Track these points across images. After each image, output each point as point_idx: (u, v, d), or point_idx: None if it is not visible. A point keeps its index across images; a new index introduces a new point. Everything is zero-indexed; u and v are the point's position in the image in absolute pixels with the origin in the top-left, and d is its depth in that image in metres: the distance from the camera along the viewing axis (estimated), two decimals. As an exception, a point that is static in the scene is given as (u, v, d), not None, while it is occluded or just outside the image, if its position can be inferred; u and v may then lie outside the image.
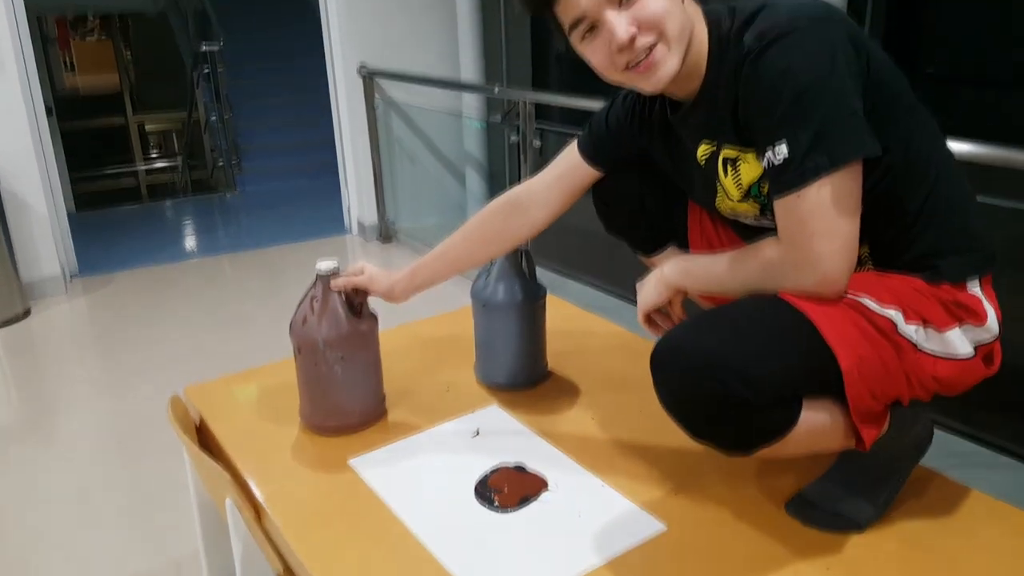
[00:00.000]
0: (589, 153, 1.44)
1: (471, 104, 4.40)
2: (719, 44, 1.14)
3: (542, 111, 3.45)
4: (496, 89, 3.88)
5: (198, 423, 1.52)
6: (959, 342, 1.11)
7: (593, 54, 1.14)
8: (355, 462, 1.33)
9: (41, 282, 3.77)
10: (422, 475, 1.30)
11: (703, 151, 1.23)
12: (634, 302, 1.33)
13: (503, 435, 1.39)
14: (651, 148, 1.36)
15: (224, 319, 3.52)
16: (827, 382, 1.05)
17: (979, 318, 1.12)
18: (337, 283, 1.41)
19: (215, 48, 5.94)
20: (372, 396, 1.47)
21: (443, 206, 4.73)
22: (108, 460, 2.41)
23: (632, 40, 1.09)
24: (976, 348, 1.13)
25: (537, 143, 3.35)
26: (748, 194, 1.18)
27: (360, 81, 4.30)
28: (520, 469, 1.28)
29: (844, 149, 1.02)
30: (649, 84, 1.14)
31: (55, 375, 3.06)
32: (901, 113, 1.11)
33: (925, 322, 1.10)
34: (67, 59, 12.86)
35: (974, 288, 1.14)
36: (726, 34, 1.13)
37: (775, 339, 1.06)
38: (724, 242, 1.42)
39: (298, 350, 1.40)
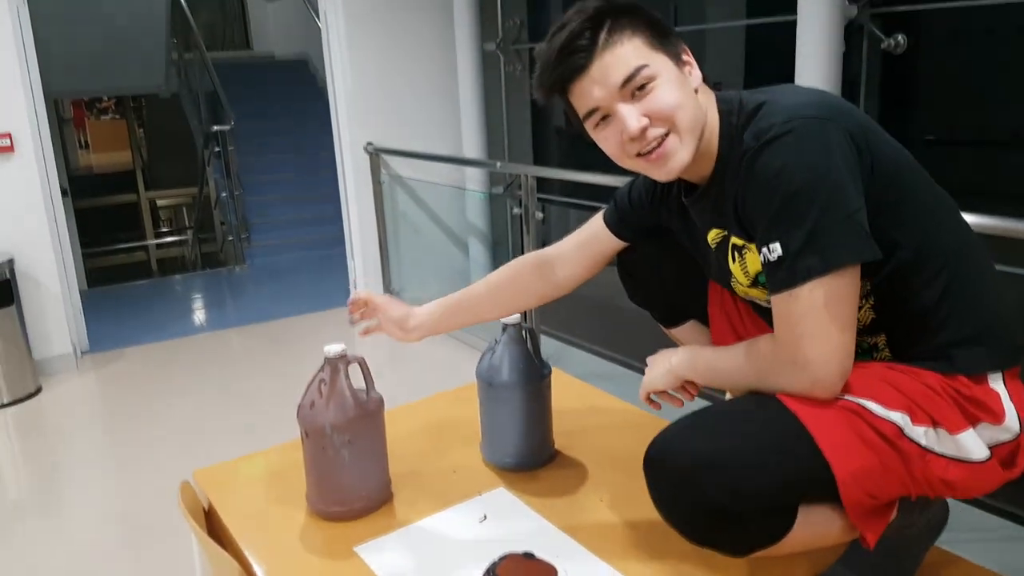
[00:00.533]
0: (613, 224, 1.47)
1: (474, 177, 4.49)
2: (729, 135, 1.15)
3: (543, 183, 3.51)
4: (498, 164, 3.96)
5: (207, 508, 1.53)
6: (973, 444, 1.08)
7: (605, 142, 1.17)
8: (361, 549, 1.33)
9: (52, 359, 3.80)
10: (429, 563, 1.29)
11: (713, 236, 1.25)
12: (640, 372, 1.34)
13: (511, 520, 1.39)
14: (670, 225, 1.38)
15: (232, 393, 3.53)
16: (826, 486, 1.04)
17: (996, 416, 1.09)
18: (359, 293, 1.51)
19: (226, 128, 6.09)
20: (378, 480, 1.47)
21: (447, 276, 4.78)
22: (114, 541, 2.39)
23: (643, 131, 1.11)
24: (993, 449, 1.09)
25: (540, 215, 3.41)
26: (756, 282, 1.20)
27: (367, 157, 4.40)
28: (529, 556, 1.27)
29: (837, 252, 1.02)
30: (661, 173, 1.16)
31: (64, 453, 3.06)
32: (914, 208, 1.10)
33: (935, 423, 1.07)
34: (82, 138, 13.16)
35: (995, 383, 1.11)
36: (734, 126, 1.14)
37: (768, 448, 1.06)
38: (744, 318, 1.41)
39: (305, 434, 1.41)
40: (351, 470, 1.41)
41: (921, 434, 1.06)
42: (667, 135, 1.12)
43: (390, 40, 4.37)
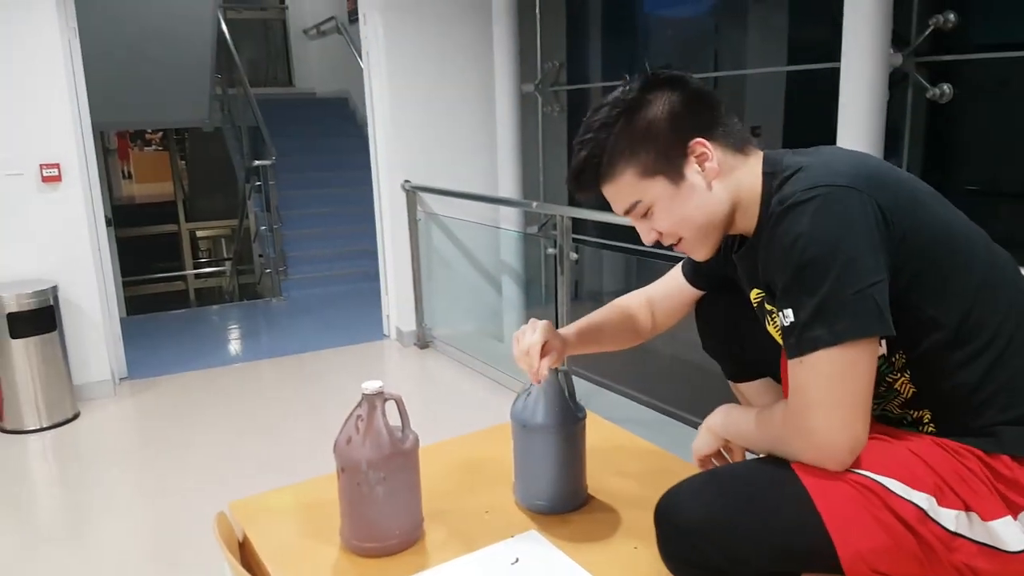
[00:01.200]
0: (689, 275, 1.53)
1: (508, 216, 4.53)
2: (768, 197, 1.15)
3: (578, 223, 3.53)
4: (534, 204, 3.99)
5: (241, 540, 1.53)
6: (1009, 534, 1.03)
7: None
8: (394, 587, 1.32)
9: (91, 385, 3.87)
10: (461, 603, 1.28)
11: (755, 296, 1.26)
12: (674, 416, 1.35)
13: (543, 564, 1.38)
14: (734, 277, 1.39)
15: (265, 423, 3.56)
16: (831, 561, 1.02)
17: None
18: (532, 341, 1.40)
19: (268, 163, 6.20)
20: (411, 518, 1.47)
21: (479, 314, 4.81)
22: (145, 569, 2.40)
23: (657, 241, 1.22)
24: None
25: (574, 256, 3.42)
26: None
27: (403, 195, 4.45)
28: (561, 600, 1.26)
29: (846, 327, 1.01)
30: (695, 258, 1.27)
31: (100, 479, 3.10)
32: (959, 285, 1.07)
33: (968, 507, 1.04)
34: (125, 168, 13.51)
35: None
36: (774, 188, 1.14)
37: (773, 516, 1.06)
38: None
39: (341, 470, 1.42)
40: (385, 507, 1.41)
41: (951, 518, 1.03)
42: (679, 241, 1.23)
43: (430, 80, 4.45)
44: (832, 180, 1.05)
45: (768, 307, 1.20)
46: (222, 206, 9.83)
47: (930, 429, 1.14)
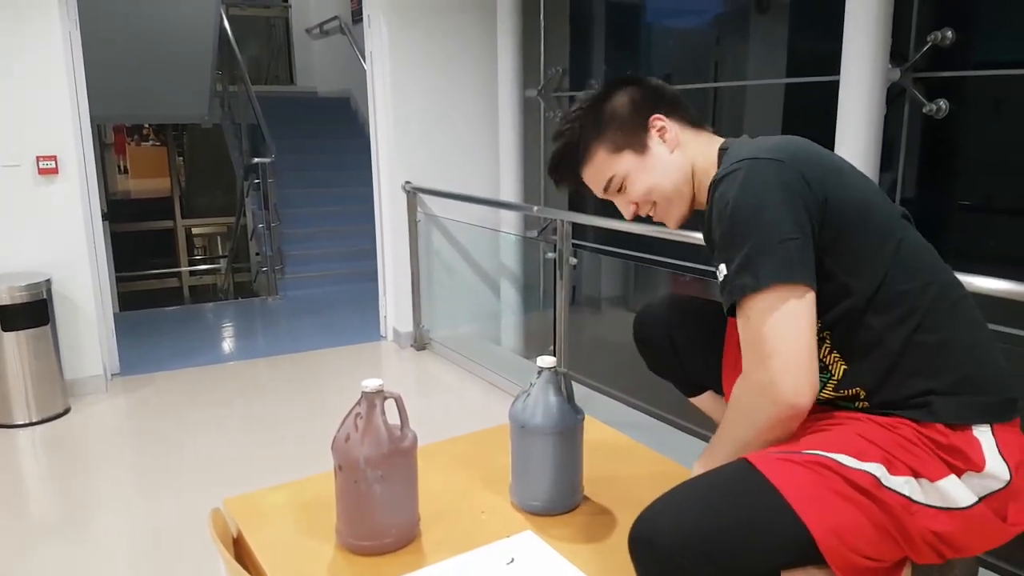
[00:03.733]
0: None
1: (508, 219, 4.54)
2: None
3: (577, 229, 3.54)
4: (535, 208, 3.99)
5: (236, 536, 1.53)
6: (957, 492, 1.08)
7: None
8: (390, 585, 1.33)
9: (83, 380, 3.85)
10: (457, 602, 1.28)
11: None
12: (670, 422, 1.38)
13: (538, 564, 1.38)
14: None
15: (259, 422, 3.55)
16: (812, 549, 1.04)
17: (975, 464, 1.08)
18: None
19: (267, 161, 6.20)
20: (408, 516, 1.47)
21: (477, 316, 4.81)
22: (139, 564, 2.40)
23: (635, 212, 1.38)
24: (984, 499, 1.08)
25: (573, 260, 3.43)
26: None
27: (404, 196, 4.46)
28: (556, 601, 1.26)
29: (768, 271, 1.09)
30: (669, 226, 1.39)
31: (91, 475, 3.09)
32: (874, 257, 1.15)
33: (916, 473, 1.08)
34: (121, 163, 13.46)
35: (980, 432, 1.10)
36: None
37: (746, 517, 1.08)
38: None
39: (339, 467, 1.42)
40: (382, 505, 1.41)
41: (902, 483, 1.07)
42: (654, 206, 1.38)
43: (433, 83, 4.46)
44: (756, 154, 1.17)
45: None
46: (219, 203, 9.82)
47: (864, 405, 1.19)
